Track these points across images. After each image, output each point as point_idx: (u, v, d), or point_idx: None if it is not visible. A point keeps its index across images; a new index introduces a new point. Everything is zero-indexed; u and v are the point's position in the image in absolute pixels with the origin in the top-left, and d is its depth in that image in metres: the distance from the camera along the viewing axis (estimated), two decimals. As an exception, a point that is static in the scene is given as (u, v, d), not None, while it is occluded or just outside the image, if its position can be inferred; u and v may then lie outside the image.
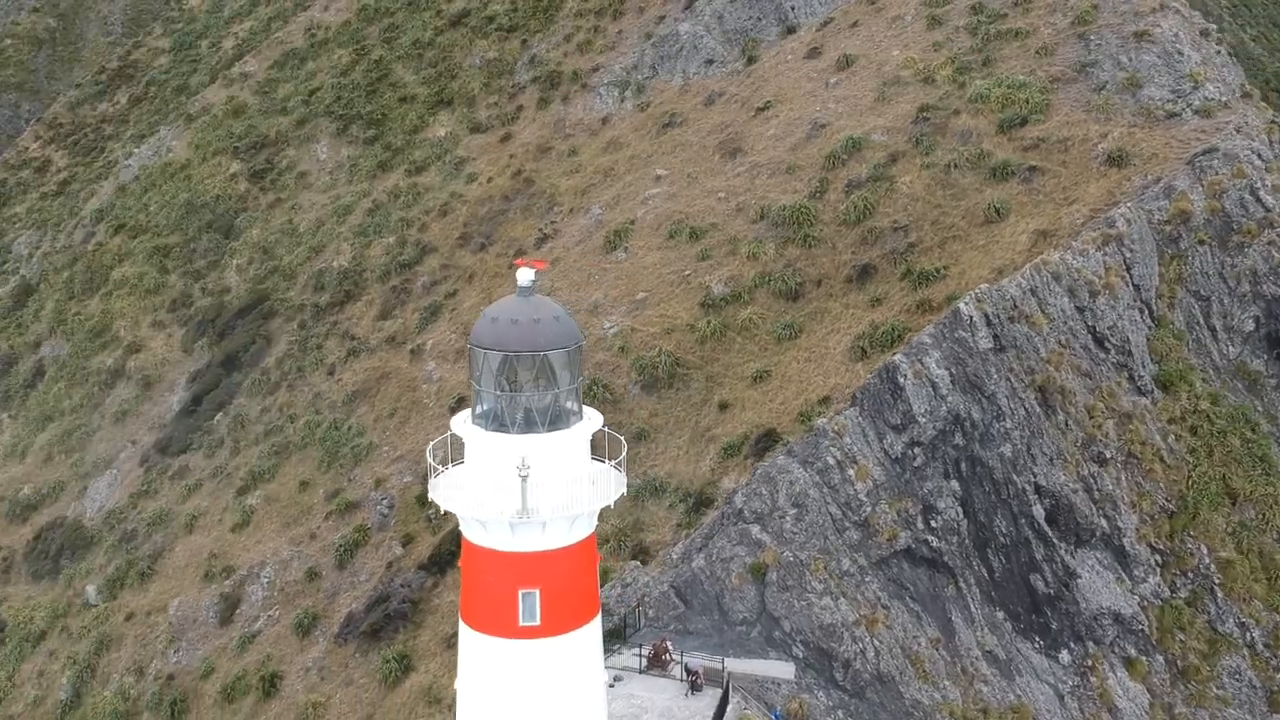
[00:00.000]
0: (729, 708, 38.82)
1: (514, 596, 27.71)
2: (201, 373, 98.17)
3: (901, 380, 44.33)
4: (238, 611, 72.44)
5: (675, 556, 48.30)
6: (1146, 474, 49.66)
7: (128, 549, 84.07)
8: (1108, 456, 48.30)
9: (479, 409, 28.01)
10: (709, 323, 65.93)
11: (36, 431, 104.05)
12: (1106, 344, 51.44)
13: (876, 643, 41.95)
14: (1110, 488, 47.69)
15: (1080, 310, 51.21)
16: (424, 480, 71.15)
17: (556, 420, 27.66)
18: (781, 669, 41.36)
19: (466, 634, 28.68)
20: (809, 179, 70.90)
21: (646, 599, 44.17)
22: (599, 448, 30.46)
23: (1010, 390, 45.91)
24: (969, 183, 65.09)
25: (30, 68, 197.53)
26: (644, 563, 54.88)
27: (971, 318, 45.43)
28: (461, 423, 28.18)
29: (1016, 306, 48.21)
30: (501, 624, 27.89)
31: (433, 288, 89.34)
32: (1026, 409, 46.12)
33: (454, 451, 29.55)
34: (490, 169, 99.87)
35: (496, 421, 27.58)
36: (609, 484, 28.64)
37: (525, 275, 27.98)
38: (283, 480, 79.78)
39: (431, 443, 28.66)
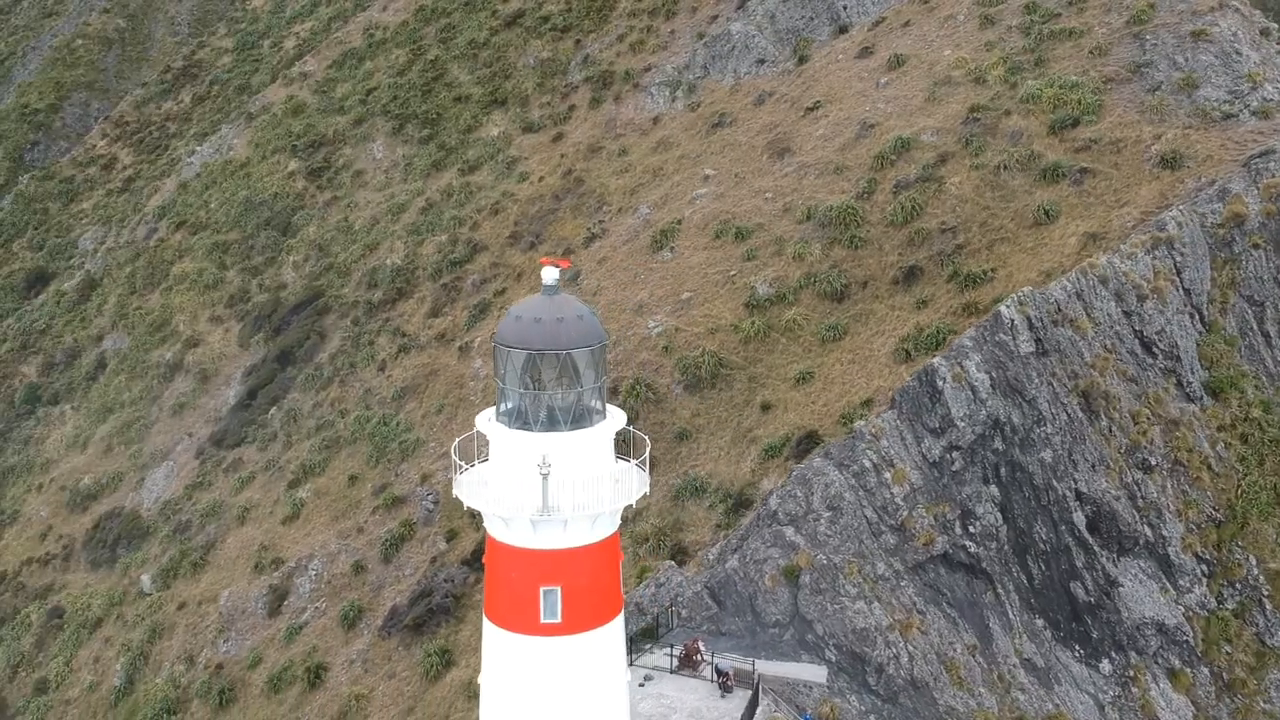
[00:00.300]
0: (759, 710, 38.75)
1: (535, 593, 27.92)
2: (257, 367, 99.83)
3: (940, 384, 43.92)
4: (286, 603, 73.56)
5: (712, 557, 48.31)
6: (1193, 482, 48.73)
7: (181, 540, 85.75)
8: (1153, 464, 47.46)
9: (503, 406, 28.24)
10: (753, 323, 65.77)
11: (97, 423, 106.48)
12: (1154, 349, 50.54)
13: (910, 648, 41.61)
14: (1155, 495, 46.86)
15: (1127, 314, 50.36)
16: (468, 477, 71.83)
17: (579, 419, 27.82)
18: (814, 672, 41.17)
19: (489, 630, 28.95)
20: (857, 179, 70.44)
21: (680, 599, 44.18)
22: (629, 447, 30.54)
23: (1052, 395, 45.28)
24: (1019, 184, 64.26)
25: (100, 67, 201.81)
26: (682, 563, 54.92)
27: (1013, 321, 44.88)
28: (486, 420, 28.45)
29: (1061, 310, 47.52)
30: (523, 620, 28.11)
31: (482, 286, 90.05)
32: (1069, 414, 45.45)
33: (482, 449, 29.84)
34: (541, 168, 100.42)
35: (520, 419, 27.80)
36: (632, 483, 28.75)
37: (550, 274, 28.16)
38: (332, 474, 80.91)
39: (457, 440, 28.95)
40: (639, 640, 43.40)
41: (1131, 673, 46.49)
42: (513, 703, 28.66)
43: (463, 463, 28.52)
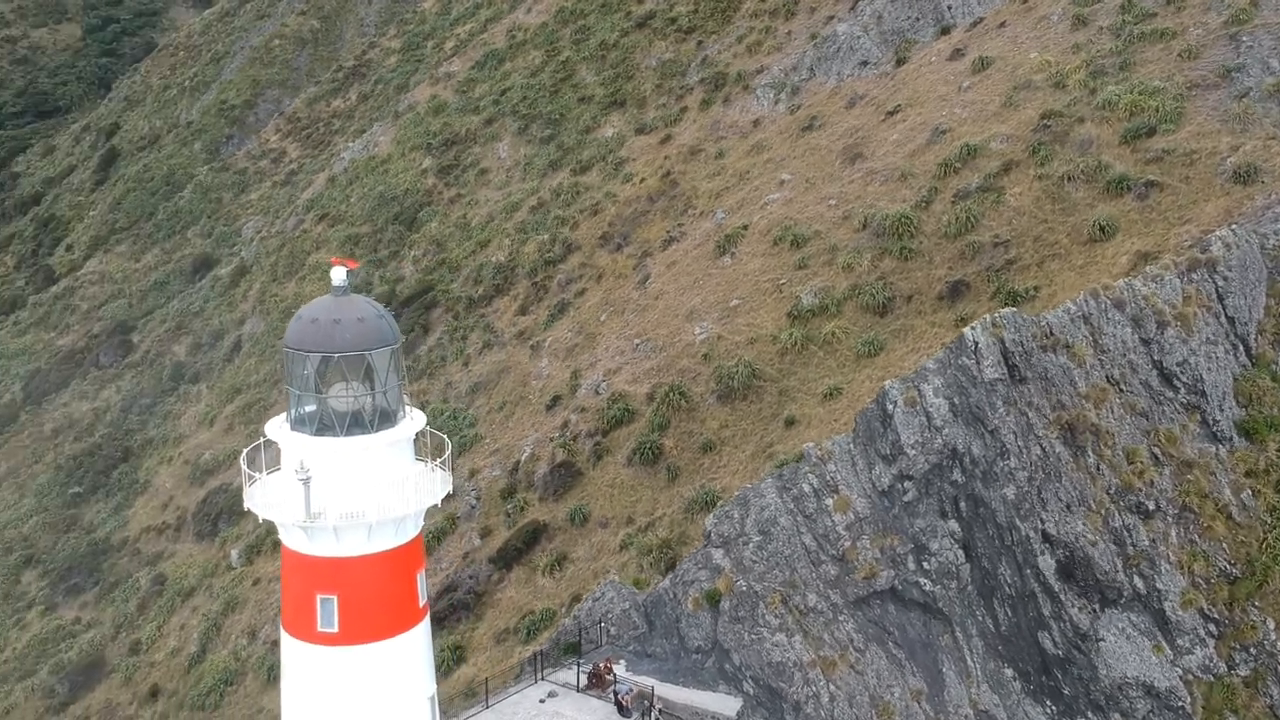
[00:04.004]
0: (649, 737, 37.27)
1: (313, 600, 27.55)
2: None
3: (890, 407, 41.06)
4: (340, 587, 75.60)
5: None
6: (1204, 531, 43.89)
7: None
8: (1151, 508, 43.02)
9: (292, 412, 27.96)
10: (791, 334, 63.43)
11: (226, 402, 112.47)
12: (1175, 382, 45.83)
13: (834, 687, 39.10)
14: (1147, 544, 42.46)
15: (1145, 342, 45.84)
16: (511, 473, 72.09)
17: (361, 423, 27.21)
18: (726, 703, 39.27)
19: (282, 635, 28.75)
20: (919, 187, 66.91)
21: (609, 616, 42.95)
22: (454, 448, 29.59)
23: (1023, 426, 41.62)
24: (1081, 197, 59.60)
25: (293, 66, 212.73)
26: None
27: (977, 344, 41.47)
28: (275, 426, 28.22)
29: (1053, 334, 43.66)
30: (303, 627, 27.80)
31: (567, 286, 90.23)
32: (1042, 448, 41.68)
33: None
34: (645, 169, 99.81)
35: (301, 424, 27.48)
36: (426, 490, 27.99)
37: (338, 274, 27.68)
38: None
39: (246, 449, 28.83)
40: (561, 655, 42.52)
41: (1112, 736, 42.32)
42: (298, 710, 28.39)
43: (250, 471, 28.35)
